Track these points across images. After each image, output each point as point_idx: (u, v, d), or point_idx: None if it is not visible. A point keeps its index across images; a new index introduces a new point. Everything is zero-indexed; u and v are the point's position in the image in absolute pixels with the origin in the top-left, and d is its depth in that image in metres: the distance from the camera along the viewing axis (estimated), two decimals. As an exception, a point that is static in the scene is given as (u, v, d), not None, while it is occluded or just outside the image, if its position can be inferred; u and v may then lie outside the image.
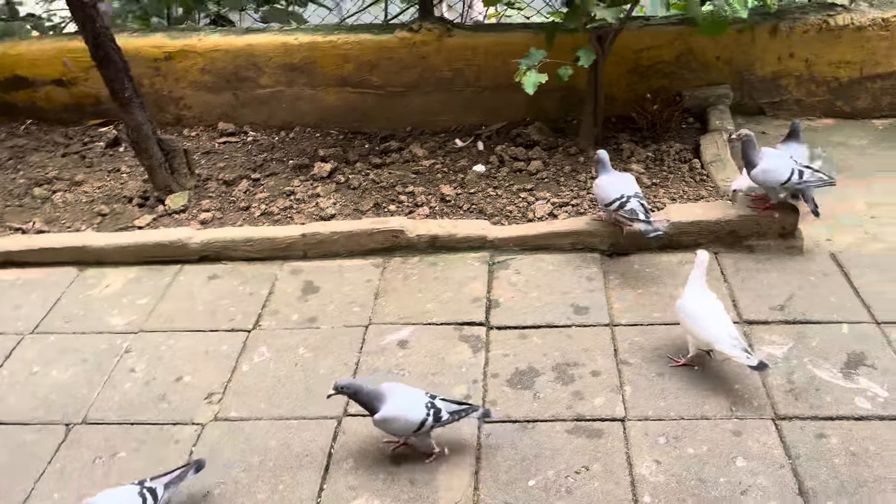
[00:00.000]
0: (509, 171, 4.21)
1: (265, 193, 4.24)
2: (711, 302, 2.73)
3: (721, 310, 2.73)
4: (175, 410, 2.83)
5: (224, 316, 3.30)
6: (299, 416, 2.73)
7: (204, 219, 4.00)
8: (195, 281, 3.55)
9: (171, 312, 3.34)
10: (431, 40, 4.57)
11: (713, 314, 2.68)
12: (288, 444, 2.63)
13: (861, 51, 4.25)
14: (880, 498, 2.28)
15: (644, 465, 2.47)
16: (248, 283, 3.50)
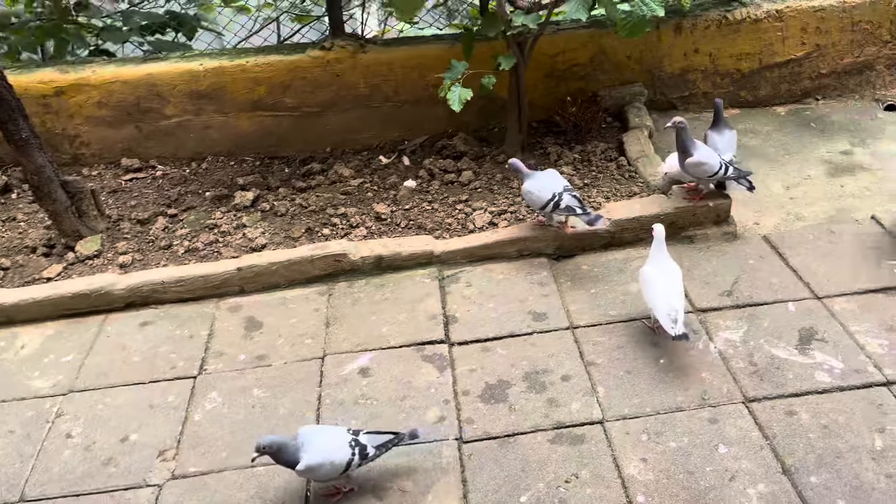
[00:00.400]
0: (441, 184, 4.16)
1: (186, 229, 3.99)
2: (667, 271, 2.86)
3: (674, 280, 2.84)
4: (125, 474, 2.58)
5: (164, 364, 3.06)
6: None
7: (123, 262, 3.71)
8: (125, 330, 3.27)
9: (104, 367, 3.07)
10: (345, 57, 4.46)
11: (662, 285, 2.82)
12: (261, 495, 2.45)
13: (759, 42, 4.49)
14: (858, 467, 2.36)
15: (631, 465, 2.46)
16: (185, 326, 3.27)
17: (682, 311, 2.77)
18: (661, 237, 2.90)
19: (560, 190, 3.31)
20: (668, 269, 2.87)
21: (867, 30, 4.48)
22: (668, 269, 2.87)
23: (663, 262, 2.90)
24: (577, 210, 3.27)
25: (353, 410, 2.76)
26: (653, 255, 2.93)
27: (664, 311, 2.75)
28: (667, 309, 2.75)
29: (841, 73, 4.62)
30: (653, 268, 2.90)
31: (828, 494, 2.29)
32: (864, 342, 2.83)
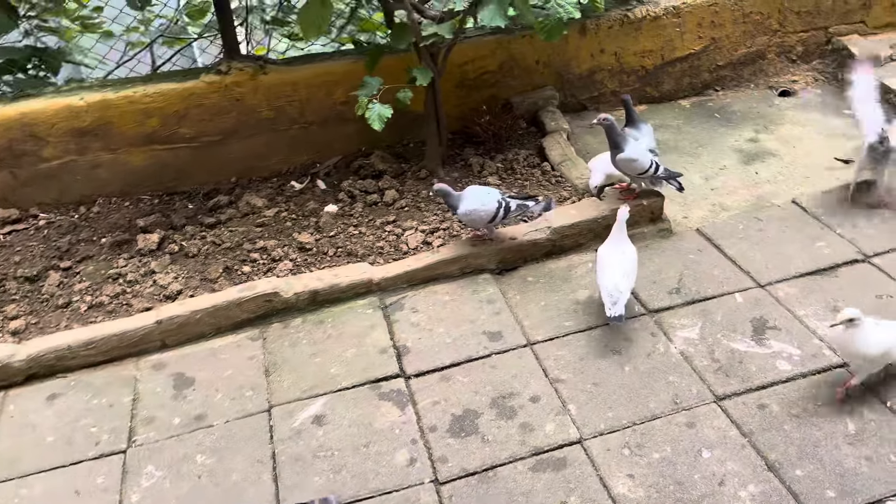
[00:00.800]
0: (364, 206, 3.95)
1: (85, 282, 3.57)
2: (621, 252, 2.91)
3: (626, 261, 2.90)
4: (58, 579, 2.22)
5: (85, 440, 2.69)
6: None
7: (15, 328, 3.27)
8: (31, 406, 2.87)
9: (13, 452, 2.66)
10: (245, 80, 4.16)
11: (612, 264, 2.87)
12: (227, 579, 2.16)
13: (660, 39, 4.57)
14: (837, 453, 2.38)
15: (619, 483, 2.36)
16: (103, 394, 2.90)
17: (625, 293, 2.81)
18: (622, 219, 2.94)
19: (499, 197, 3.21)
20: (623, 251, 2.91)
21: (757, 20, 4.66)
22: (622, 251, 2.91)
23: (621, 243, 2.94)
24: (531, 206, 3.25)
25: (313, 465, 2.52)
26: (612, 236, 2.97)
27: (607, 292, 2.80)
28: (611, 289, 2.79)
29: (736, 64, 4.78)
30: (608, 248, 2.94)
31: (816, 486, 2.28)
32: (814, 326, 2.88)
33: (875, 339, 2.44)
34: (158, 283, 3.51)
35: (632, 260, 2.93)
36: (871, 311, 2.84)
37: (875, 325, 2.47)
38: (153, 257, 3.72)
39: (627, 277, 2.86)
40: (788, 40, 4.79)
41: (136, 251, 3.77)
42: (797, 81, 4.80)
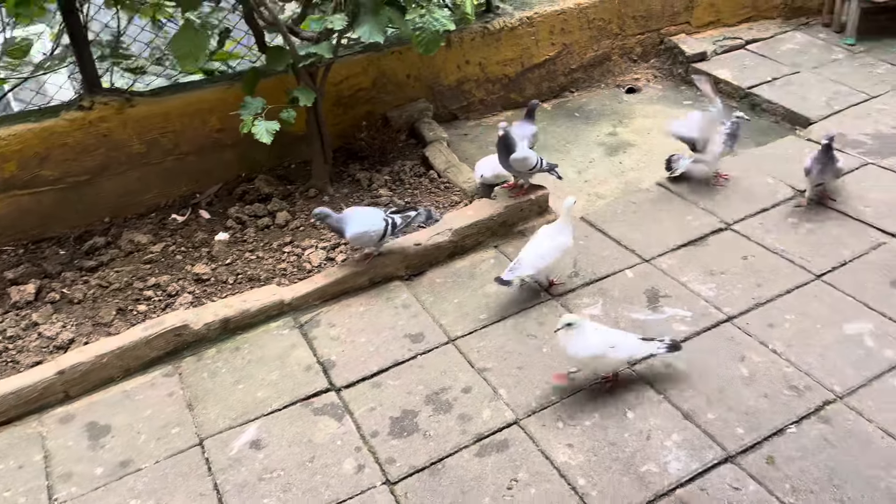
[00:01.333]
0: (257, 230, 3.90)
1: (-42, 344, 3.27)
2: (550, 234, 3.19)
3: (550, 241, 3.17)
4: None
5: (-1, 509, 2.48)
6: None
7: None
8: (-77, 484, 2.59)
9: (-88, 538, 2.40)
10: (111, 114, 3.98)
11: (537, 242, 3.17)
12: None
13: (518, 48, 4.88)
14: (739, 395, 2.67)
15: (560, 453, 2.52)
16: (8, 457, 2.68)
17: (525, 266, 3.08)
18: (566, 207, 3.18)
19: (384, 216, 3.29)
20: (554, 236, 3.15)
21: (601, 26, 5.09)
22: (553, 236, 3.15)
23: (558, 227, 3.19)
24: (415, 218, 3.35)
25: (260, 488, 2.48)
26: (557, 221, 3.25)
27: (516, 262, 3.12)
28: (522, 260, 3.10)
29: (587, 66, 5.19)
30: (546, 229, 3.23)
31: (727, 425, 2.56)
32: (698, 289, 3.21)
33: (587, 344, 2.61)
34: (44, 334, 3.29)
35: (559, 246, 3.16)
36: (739, 270, 3.23)
37: (594, 331, 2.66)
38: (32, 309, 3.47)
39: (542, 258, 3.09)
40: (628, 42, 5.27)
41: (11, 305, 3.50)
42: (639, 79, 5.28)
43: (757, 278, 3.23)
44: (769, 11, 5.63)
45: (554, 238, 3.15)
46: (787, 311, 3.03)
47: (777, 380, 2.72)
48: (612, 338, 2.68)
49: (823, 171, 3.49)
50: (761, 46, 5.32)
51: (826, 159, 3.46)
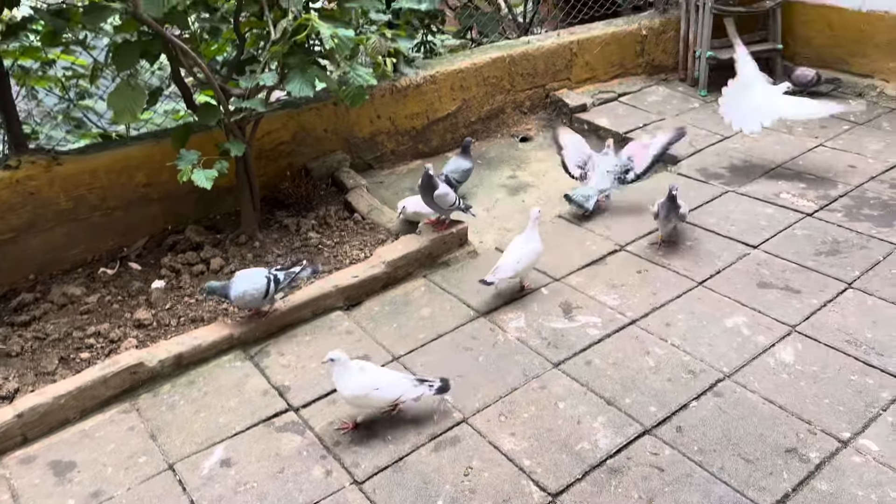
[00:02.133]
0: (192, 277, 4.07)
1: None
2: (522, 242, 3.70)
3: (524, 249, 3.68)
4: None
5: (-27, 547, 2.51)
6: None
7: None
8: None
9: None
10: (39, 173, 4.07)
11: (513, 250, 3.68)
12: None
13: (424, 103, 5.36)
14: (648, 381, 3.14)
15: (506, 441, 2.87)
16: (-28, 501, 2.71)
17: (505, 269, 3.58)
18: (534, 217, 3.74)
19: (268, 275, 3.43)
20: (527, 243, 3.70)
21: (494, 83, 5.69)
22: (526, 243, 3.70)
23: (528, 236, 3.72)
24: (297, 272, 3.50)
25: (236, 499, 2.66)
26: (525, 231, 3.77)
27: (500, 264, 3.63)
28: (502, 264, 3.61)
29: (484, 119, 5.75)
30: (518, 238, 3.76)
31: (642, 406, 3.00)
32: (604, 300, 3.70)
33: (349, 384, 2.82)
34: (-14, 388, 3.30)
35: (532, 250, 3.69)
36: (636, 282, 3.76)
37: (358, 371, 2.85)
38: (-32, 365, 3.47)
39: (519, 262, 3.63)
40: (519, 97, 5.90)
41: (-55, 362, 3.48)
42: (531, 129, 5.90)
43: (651, 288, 3.76)
44: (634, 69, 6.46)
45: (526, 245, 3.69)
46: (678, 312, 3.57)
47: (677, 366, 3.22)
48: (377, 379, 2.86)
49: (668, 215, 3.98)
50: (631, 98, 6.10)
51: (672, 206, 3.94)
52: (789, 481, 2.63)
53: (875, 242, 3.99)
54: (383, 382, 2.88)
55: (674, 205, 3.97)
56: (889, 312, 3.45)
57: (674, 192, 3.95)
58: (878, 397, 2.98)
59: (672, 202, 3.96)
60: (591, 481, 2.68)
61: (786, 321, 3.45)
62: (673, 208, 3.97)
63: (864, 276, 3.73)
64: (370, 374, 2.90)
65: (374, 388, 2.84)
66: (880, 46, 5.95)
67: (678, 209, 3.99)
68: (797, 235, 4.14)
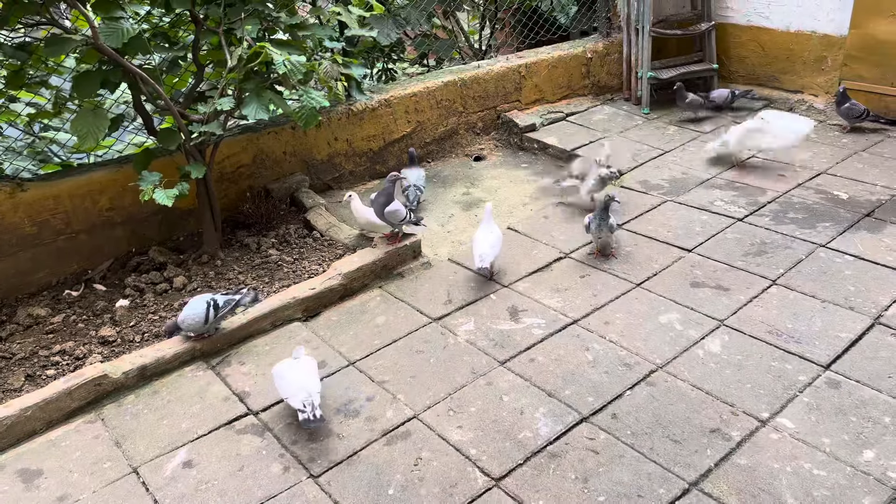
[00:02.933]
0: (155, 295, 4.22)
1: None
2: (489, 232, 4.16)
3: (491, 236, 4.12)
4: None
5: (-57, 550, 2.62)
6: None
7: None
8: None
9: None
10: (3, 199, 4.21)
11: (482, 240, 4.12)
12: None
13: (379, 125, 5.60)
14: (587, 375, 3.36)
15: (453, 433, 3.06)
16: (-59, 508, 2.82)
17: (488, 255, 4.02)
18: (488, 211, 4.23)
19: (209, 298, 3.57)
20: (491, 231, 4.16)
21: (447, 105, 5.95)
22: (490, 231, 4.16)
23: (488, 227, 4.17)
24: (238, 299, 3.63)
25: (198, 497, 2.81)
26: (481, 224, 4.22)
27: (477, 255, 4.02)
28: (480, 252, 4.02)
29: (439, 140, 6.01)
30: (480, 231, 4.19)
31: (580, 397, 3.22)
32: (548, 303, 3.93)
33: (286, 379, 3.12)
34: (-47, 404, 3.41)
35: (497, 236, 4.14)
36: (579, 286, 4.00)
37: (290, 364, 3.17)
38: (-65, 384, 3.57)
39: (493, 248, 4.07)
40: (471, 118, 6.17)
41: (-88, 383, 3.58)
42: (483, 148, 6.17)
43: (592, 290, 4.00)
44: (581, 90, 6.79)
45: (490, 233, 4.15)
46: (617, 311, 3.81)
47: (614, 360, 3.44)
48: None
49: (600, 226, 4.17)
50: (578, 118, 6.41)
51: (604, 217, 4.16)
52: (712, 458, 2.86)
53: (798, 243, 4.29)
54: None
55: (605, 215, 4.19)
56: (808, 304, 3.73)
57: (607, 202, 4.18)
58: (796, 380, 3.23)
59: (605, 212, 4.19)
60: (532, 465, 2.88)
61: (715, 316, 3.70)
62: (604, 219, 4.19)
63: (788, 273, 4.01)
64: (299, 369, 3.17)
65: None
66: (808, 64, 6.35)
67: (608, 220, 4.20)
68: (728, 238, 4.42)
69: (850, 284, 3.86)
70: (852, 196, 4.81)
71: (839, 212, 4.61)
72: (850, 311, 3.64)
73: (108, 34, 3.76)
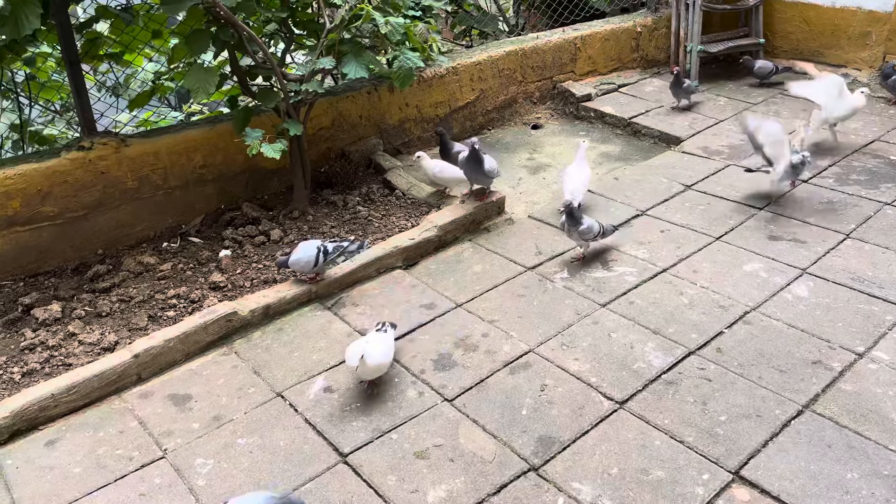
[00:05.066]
0: (254, 247, 4.41)
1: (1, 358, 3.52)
2: (576, 170, 4.48)
3: (581, 175, 4.46)
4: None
5: (117, 461, 2.87)
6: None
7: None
8: (32, 455, 2.90)
9: (46, 490, 2.71)
10: (109, 153, 4.40)
11: (572, 177, 4.45)
12: None
13: (446, 93, 5.80)
14: (690, 312, 3.59)
15: (571, 364, 3.30)
16: (106, 426, 3.04)
17: (578, 195, 4.30)
18: (583, 149, 4.55)
19: (320, 244, 3.79)
20: (581, 169, 4.49)
21: (508, 74, 6.16)
22: (580, 169, 4.48)
23: (578, 165, 4.49)
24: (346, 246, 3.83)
25: (346, 416, 3.03)
26: (574, 162, 4.55)
27: (567, 189, 4.38)
28: (569, 188, 4.38)
29: (499, 108, 6.21)
30: (571, 168, 4.55)
31: (684, 334, 3.45)
32: (635, 254, 4.16)
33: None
34: (86, 341, 3.62)
35: (587, 175, 4.50)
36: (660, 240, 4.22)
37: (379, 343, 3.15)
38: (62, 324, 3.77)
39: (583, 185, 4.43)
40: (529, 88, 6.37)
41: (40, 323, 3.79)
42: (541, 117, 6.38)
43: (675, 244, 4.23)
44: (630, 63, 7.00)
45: (580, 171, 4.50)
46: (703, 262, 4.04)
47: (708, 303, 3.68)
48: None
49: (570, 231, 3.95)
50: (630, 89, 6.62)
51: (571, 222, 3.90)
52: (818, 385, 3.10)
53: (864, 202, 4.54)
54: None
55: (573, 221, 3.91)
56: (884, 255, 3.97)
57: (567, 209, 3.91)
58: (884, 320, 3.48)
59: (570, 218, 3.91)
60: (651, 391, 3.11)
61: (797, 265, 3.95)
62: (572, 224, 3.92)
63: (859, 228, 4.26)
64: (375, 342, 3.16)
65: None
66: (852, 39, 6.58)
67: (578, 226, 3.90)
68: (796, 198, 4.66)
69: (919, 237, 4.12)
70: (908, 160, 5.06)
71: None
72: (923, 261, 3.89)
73: (224, -6, 3.94)
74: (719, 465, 2.74)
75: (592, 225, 3.97)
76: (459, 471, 2.75)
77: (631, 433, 2.90)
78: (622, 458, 2.78)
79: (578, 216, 3.93)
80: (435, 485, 2.69)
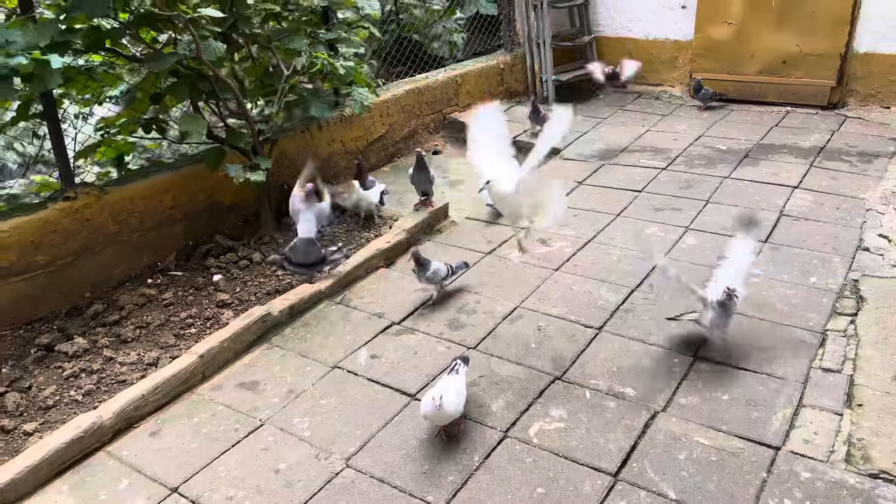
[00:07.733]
0: (240, 270, 4.95)
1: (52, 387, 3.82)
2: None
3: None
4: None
5: (246, 421, 3.36)
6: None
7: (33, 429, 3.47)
8: (143, 445, 3.32)
9: (200, 454, 3.18)
10: (92, 202, 4.74)
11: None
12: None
13: (362, 128, 6.63)
14: (621, 266, 4.72)
15: (551, 309, 4.26)
16: (200, 412, 3.51)
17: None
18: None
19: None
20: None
21: (409, 109, 7.12)
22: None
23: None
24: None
25: (395, 375, 3.75)
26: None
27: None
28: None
29: (405, 139, 7.15)
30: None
31: (623, 280, 4.54)
32: (564, 233, 5.24)
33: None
34: (126, 361, 4.01)
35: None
36: (576, 221, 5.36)
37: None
38: (94, 353, 4.11)
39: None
40: (425, 120, 7.39)
41: (71, 355, 4.09)
42: (437, 144, 7.40)
43: (589, 223, 5.38)
44: (498, 94, 8.26)
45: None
46: (615, 230, 5.21)
47: (631, 258, 4.83)
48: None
49: (419, 276, 4.26)
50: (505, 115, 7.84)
51: (421, 271, 4.22)
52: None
53: (710, 178, 6.01)
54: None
55: (423, 270, 4.21)
56: (736, 210, 5.39)
57: (417, 257, 4.18)
58: (751, 250, 4.81)
59: (418, 265, 4.20)
60: (617, 318, 4.15)
61: (682, 224, 5.24)
62: (420, 271, 4.22)
63: (713, 195, 5.68)
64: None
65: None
66: (665, 63, 8.33)
67: (426, 271, 4.21)
68: (662, 181, 6.04)
69: (755, 196, 5.60)
70: (729, 147, 6.68)
71: (726, 157, 6.43)
72: (763, 211, 5.34)
73: (207, 51, 4.56)
74: (685, 354, 3.81)
75: (439, 268, 4.26)
76: (506, 388, 3.59)
77: (615, 345, 3.91)
78: (617, 360, 3.77)
79: (425, 262, 4.20)
80: (493, 399, 3.51)
